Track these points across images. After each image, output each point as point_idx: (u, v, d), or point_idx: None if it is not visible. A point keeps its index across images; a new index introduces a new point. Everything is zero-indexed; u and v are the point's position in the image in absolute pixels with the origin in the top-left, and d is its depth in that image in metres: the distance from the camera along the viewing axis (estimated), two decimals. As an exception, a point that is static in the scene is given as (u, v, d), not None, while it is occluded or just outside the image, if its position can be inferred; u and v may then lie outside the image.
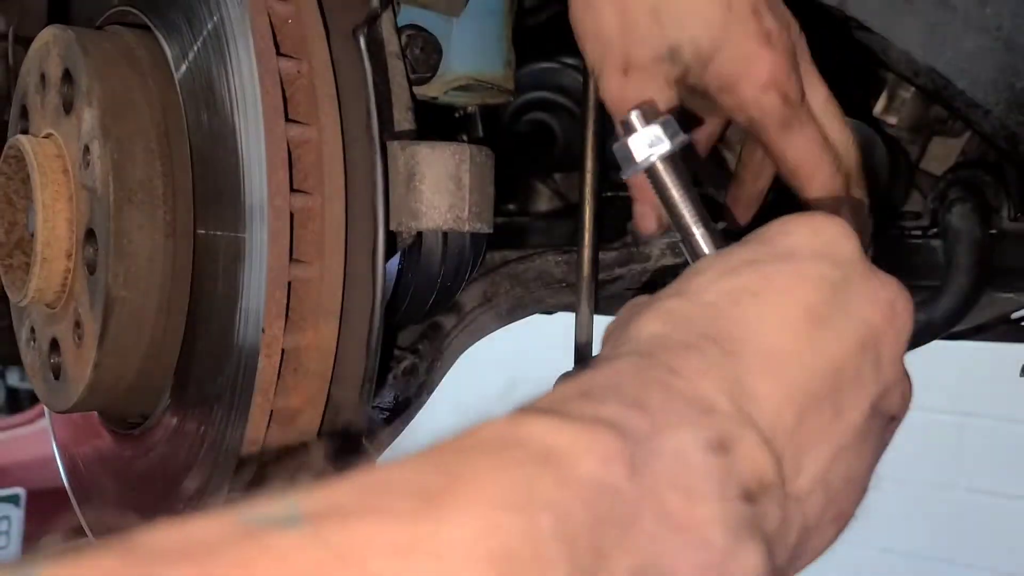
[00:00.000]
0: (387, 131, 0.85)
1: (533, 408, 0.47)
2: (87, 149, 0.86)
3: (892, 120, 1.05)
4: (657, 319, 0.55)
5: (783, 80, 0.75)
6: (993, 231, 0.99)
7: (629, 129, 0.66)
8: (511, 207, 1.22)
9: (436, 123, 0.94)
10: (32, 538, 3.53)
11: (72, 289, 0.89)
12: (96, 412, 0.99)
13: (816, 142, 0.78)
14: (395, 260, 0.89)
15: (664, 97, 0.75)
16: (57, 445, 1.08)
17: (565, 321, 1.04)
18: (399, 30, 0.88)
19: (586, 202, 1.01)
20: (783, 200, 0.82)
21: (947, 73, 0.86)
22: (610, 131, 1.08)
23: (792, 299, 0.55)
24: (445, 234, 0.90)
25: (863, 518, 0.60)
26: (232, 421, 0.82)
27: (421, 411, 1.02)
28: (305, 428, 0.83)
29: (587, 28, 0.76)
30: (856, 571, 3.52)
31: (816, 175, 0.79)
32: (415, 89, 0.89)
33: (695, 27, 0.72)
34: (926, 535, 3.74)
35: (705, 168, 0.83)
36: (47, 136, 0.92)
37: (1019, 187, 1.00)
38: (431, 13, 0.91)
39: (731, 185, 0.90)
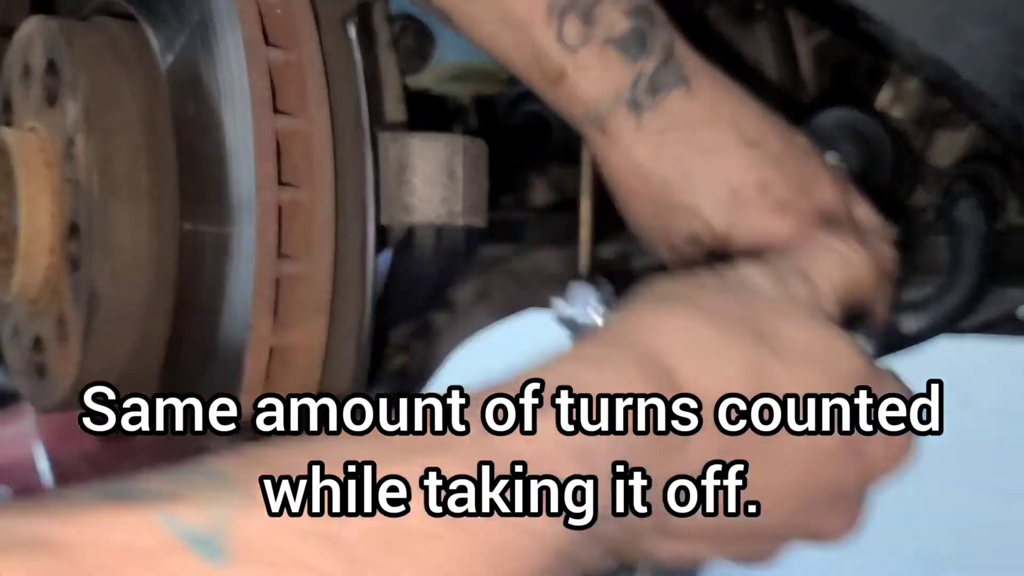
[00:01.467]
0: (378, 122, 0.84)
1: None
2: (71, 142, 0.85)
3: (897, 112, 1.04)
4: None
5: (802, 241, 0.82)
6: (1000, 226, 0.98)
7: None
8: (506, 201, 1.22)
9: (429, 114, 0.93)
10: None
11: (56, 285, 0.88)
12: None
13: None
14: (386, 255, 0.88)
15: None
16: (42, 444, 1.07)
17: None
18: (391, 19, 0.88)
19: (585, 195, 0.99)
20: None
21: (953, 64, 0.85)
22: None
23: None
24: (438, 228, 0.89)
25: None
26: (219, 421, 0.80)
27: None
28: (294, 428, 0.82)
29: (633, 219, 0.85)
30: (857, 571, 3.52)
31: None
32: (408, 79, 0.88)
33: (705, 214, 0.80)
34: (927, 535, 3.73)
35: None
36: (31, 129, 0.91)
37: (1026, 181, 0.99)
38: (424, 2, 0.90)
39: None
